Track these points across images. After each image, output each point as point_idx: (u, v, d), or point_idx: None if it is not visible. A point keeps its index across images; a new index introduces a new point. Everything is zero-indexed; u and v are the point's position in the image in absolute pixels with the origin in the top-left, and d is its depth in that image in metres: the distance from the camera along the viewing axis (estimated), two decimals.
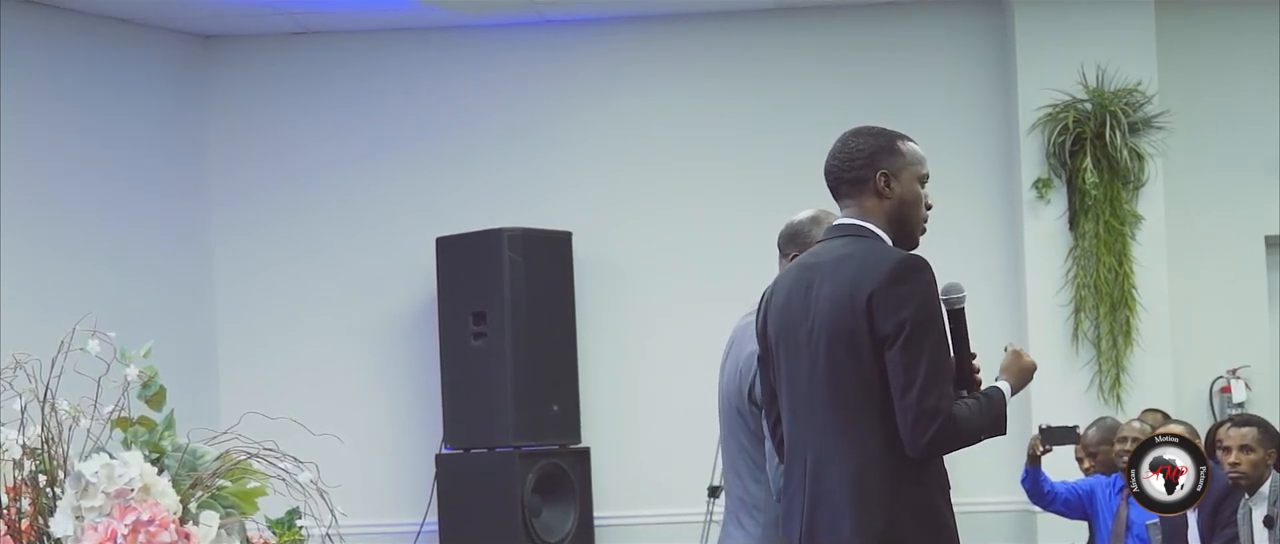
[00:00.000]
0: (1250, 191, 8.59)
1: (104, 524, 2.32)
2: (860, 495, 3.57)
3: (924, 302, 3.59)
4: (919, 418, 3.51)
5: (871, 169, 3.76)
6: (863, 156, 3.78)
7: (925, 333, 3.56)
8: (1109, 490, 7.14)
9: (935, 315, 3.61)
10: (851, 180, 3.77)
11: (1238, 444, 6.11)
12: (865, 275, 3.59)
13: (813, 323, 3.66)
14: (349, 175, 8.96)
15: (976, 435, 3.64)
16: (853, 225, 3.75)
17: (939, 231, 9.00)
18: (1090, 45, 8.42)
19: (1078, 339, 8.38)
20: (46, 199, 8.15)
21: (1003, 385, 3.80)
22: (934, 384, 3.53)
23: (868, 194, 3.76)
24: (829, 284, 3.65)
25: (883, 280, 3.57)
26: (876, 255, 3.64)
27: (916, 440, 3.52)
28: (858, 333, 3.57)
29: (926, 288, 3.62)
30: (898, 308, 3.55)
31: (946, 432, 3.53)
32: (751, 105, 8.82)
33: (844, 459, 3.60)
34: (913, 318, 3.55)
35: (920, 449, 3.53)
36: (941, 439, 3.54)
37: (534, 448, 8.30)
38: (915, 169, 3.83)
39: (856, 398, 3.59)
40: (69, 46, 8.33)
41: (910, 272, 3.61)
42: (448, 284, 8.50)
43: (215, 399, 8.65)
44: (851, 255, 3.67)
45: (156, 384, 2.53)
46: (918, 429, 3.51)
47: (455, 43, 8.95)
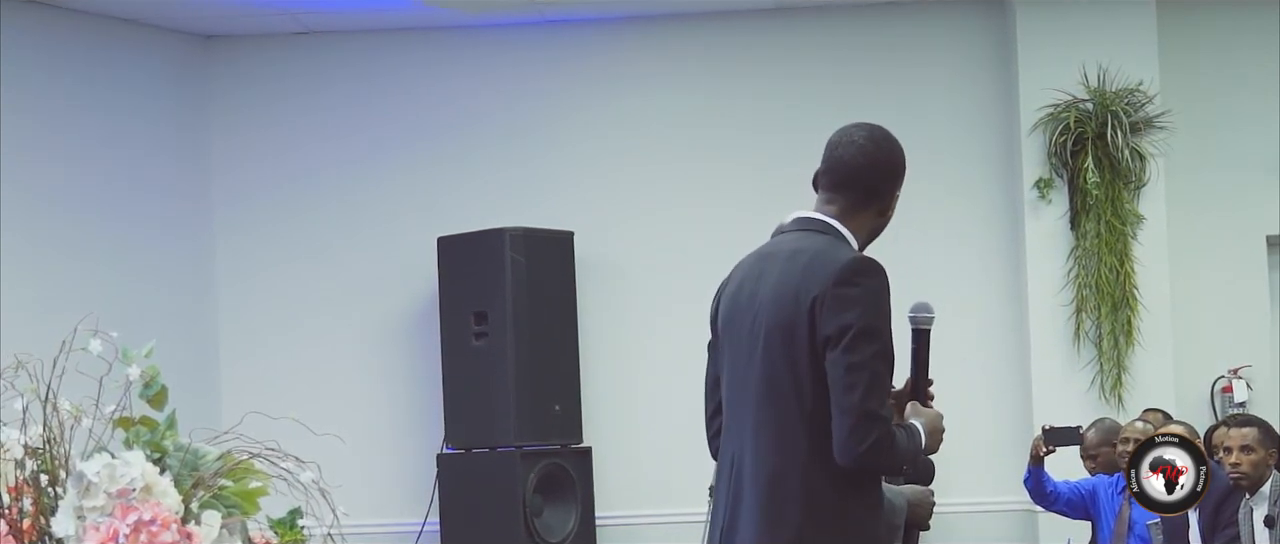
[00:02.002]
0: (1251, 191, 8.60)
1: (106, 524, 2.32)
2: (774, 501, 3.41)
3: (871, 306, 3.39)
4: (860, 422, 3.30)
5: (892, 186, 3.65)
6: (895, 173, 3.66)
7: (871, 338, 3.35)
8: (1111, 490, 7.15)
9: (883, 324, 3.40)
10: (870, 188, 3.61)
11: (1238, 444, 6.11)
12: (813, 274, 3.41)
13: (757, 314, 3.49)
14: (350, 175, 8.96)
15: (900, 463, 3.46)
16: (819, 221, 3.57)
17: (940, 231, 9.10)
18: (1092, 45, 8.42)
19: (1079, 339, 8.38)
20: (48, 199, 8.15)
21: (918, 424, 3.55)
22: (876, 391, 3.33)
23: (871, 206, 3.62)
24: (778, 277, 3.48)
25: (830, 281, 3.39)
26: (829, 254, 3.45)
27: (852, 447, 3.31)
28: (798, 332, 3.40)
29: (876, 293, 3.42)
30: (843, 310, 3.36)
31: (884, 444, 3.33)
32: (753, 105, 8.82)
33: (766, 460, 3.44)
34: (857, 321, 3.35)
35: (854, 456, 3.32)
36: (878, 450, 3.32)
37: (535, 448, 8.30)
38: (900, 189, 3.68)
39: (788, 399, 3.41)
40: (70, 46, 8.33)
41: (860, 274, 3.42)
42: (449, 284, 8.50)
43: (217, 399, 8.65)
44: (805, 250, 3.49)
45: (158, 384, 2.52)
46: (856, 434, 3.31)
47: (456, 43, 8.95)
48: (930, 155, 8.76)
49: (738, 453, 3.53)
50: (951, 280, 8.69)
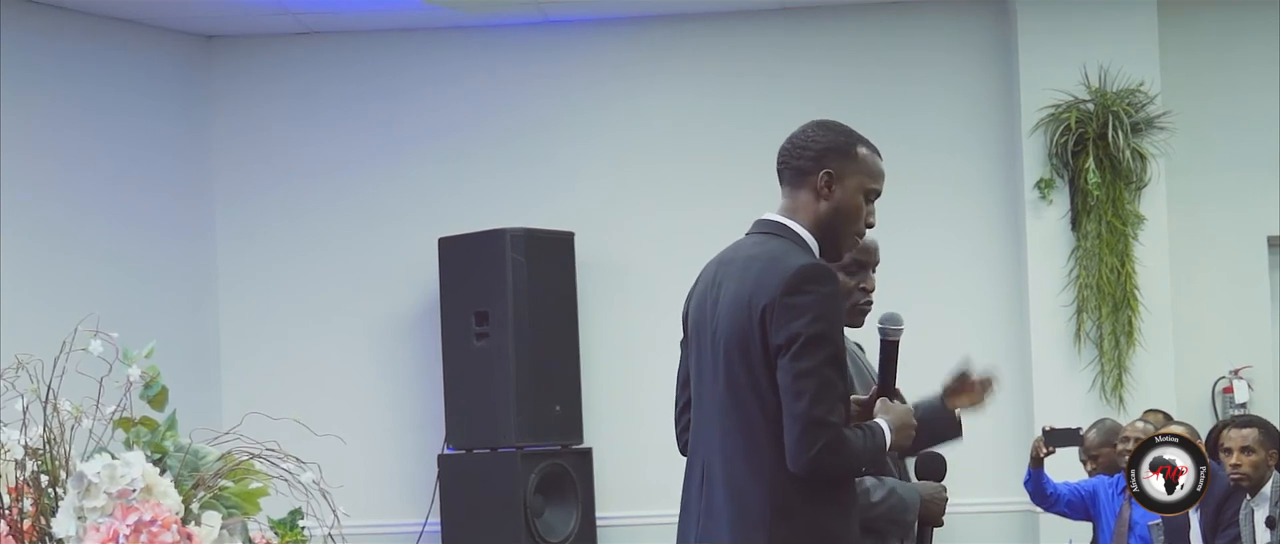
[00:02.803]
0: (1253, 192, 8.59)
1: (106, 525, 2.32)
2: (743, 511, 3.44)
3: (821, 313, 3.36)
4: (807, 429, 3.31)
5: (817, 165, 3.56)
6: (814, 150, 3.59)
7: (820, 345, 3.34)
8: (1112, 491, 7.14)
9: (832, 329, 3.39)
10: (795, 169, 3.58)
11: (1239, 445, 6.11)
12: (764, 282, 3.41)
13: (717, 325, 3.51)
14: (351, 175, 8.96)
15: (859, 464, 3.46)
16: (774, 223, 3.57)
17: (941, 231, 9.10)
18: (1093, 45, 8.42)
19: (1080, 339, 8.38)
20: (49, 199, 8.15)
21: (883, 423, 3.53)
22: (824, 397, 3.32)
23: (805, 189, 3.56)
24: (733, 285, 3.49)
25: (779, 289, 3.37)
26: (780, 262, 3.42)
27: (801, 454, 3.32)
28: (751, 341, 3.40)
29: (825, 299, 3.38)
30: (792, 318, 3.34)
31: (834, 449, 3.33)
32: (754, 105, 8.81)
33: (733, 470, 3.47)
34: (806, 329, 3.33)
35: (805, 463, 3.33)
36: (829, 455, 3.32)
37: (536, 448, 8.30)
38: (863, 180, 3.61)
39: (751, 408, 3.42)
40: (71, 47, 8.33)
41: (808, 281, 3.38)
42: (450, 284, 8.50)
43: (217, 399, 8.65)
44: (759, 257, 3.48)
45: (159, 384, 2.53)
46: (804, 441, 3.31)
47: (458, 43, 8.96)
48: (931, 155, 8.77)
49: (707, 462, 3.56)
50: (952, 280, 8.70)
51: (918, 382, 9.44)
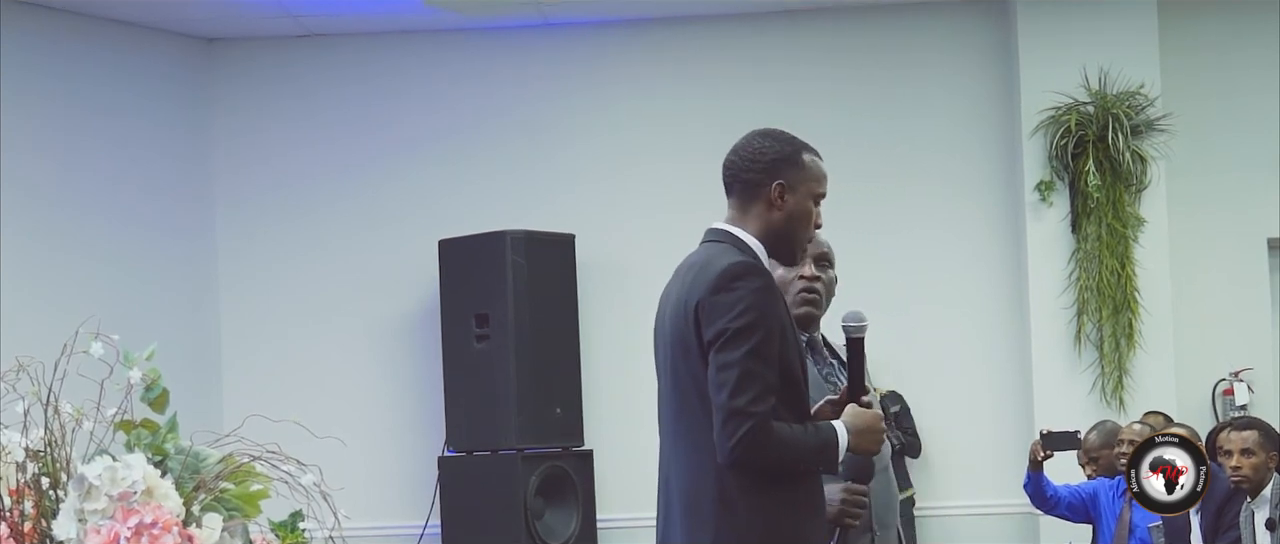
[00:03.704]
0: (1253, 194, 8.60)
1: (107, 527, 2.32)
2: (690, 508, 3.51)
3: (747, 308, 3.43)
4: (727, 419, 3.37)
5: (769, 176, 3.64)
6: (765, 161, 3.66)
7: (744, 338, 3.40)
8: (1112, 493, 7.14)
9: (760, 322, 3.44)
10: (746, 182, 3.65)
11: (1239, 448, 6.11)
12: (697, 284, 3.50)
13: (664, 331, 3.63)
14: (352, 178, 8.97)
15: (795, 459, 3.47)
16: (720, 230, 3.67)
17: (941, 234, 9.09)
18: (1093, 47, 8.42)
19: (1080, 342, 8.39)
20: (50, 202, 8.16)
21: (839, 424, 3.57)
22: (745, 387, 3.38)
23: (757, 201, 3.64)
24: (675, 292, 3.60)
25: (708, 288, 3.47)
26: (713, 263, 3.52)
27: (723, 443, 3.38)
28: (689, 342, 3.49)
29: (752, 295, 3.45)
30: (720, 315, 3.43)
31: (756, 438, 3.37)
32: (754, 107, 8.81)
33: (682, 470, 3.55)
34: (732, 323, 3.41)
35: (727, 452, 3.39)
36: (750, 445, 3.37)
37: (537, 450, 8.30)
38: (812, 186, 3.67)
39: (693, 408, 3.50)
40: (72, 49, 8.34)
41: (735, 278, 3.47)
42: (450, 286, 8.50)
43: (218, 402, 8.66)
44: (697, 263, 3.59)
45: (160, 387, 2.53)
46: (725, 431, 3.38)
47: (458, 45, 8.96)
48: (931, 157, 8.78)
49: (665, 465, 3.65)
50: (952, 282, 8.70)
51: (919, 382, 9.48)
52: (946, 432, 8.61)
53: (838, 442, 3.53)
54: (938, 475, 8.58)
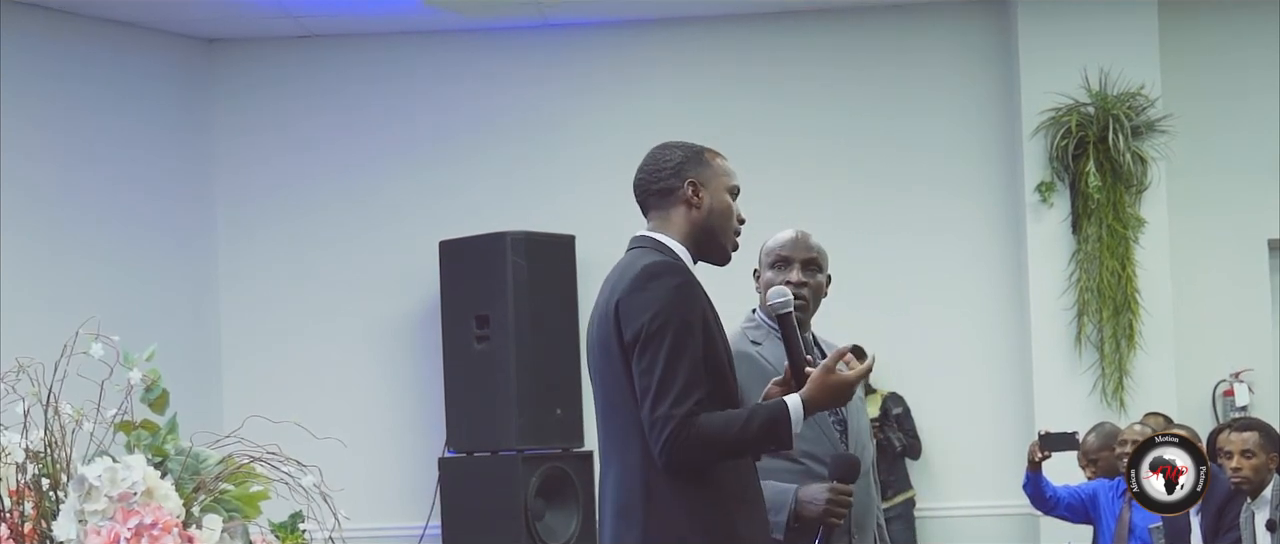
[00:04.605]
0: (1253, 195, 8.60)
1: (107, 528, 2.32)
2: (623, 508, 3.56)
3: (663, 307, 3.48)
4: (652, 427, 3.44)
5: (679, 179, 3.69)
6: (671, 167, 3.70)
7: (661, 339, 3.46)
8: (1112, 494, 7.14)
9: (677, 321, 3.49)
10: (659, 191, 3.71)
11: (1239, 449, 6.11)
12: (616, 287, 3.58)
13: (590, 336, 3.68)
14: (352, 178, 8.97)
15: (735, 445, 3.51)
16: (643, 237, 3.73)
17: (942, 235, 9.08)
18: (1093, 48, 8.42)
19: (1081, 342, 8.39)
20: (50, 202, 8.16)
21: (792, 400, 3.57)
22: (665, 393, 3.43)
23: (675, 205, 3.70)
24: (600, 298, 3.66)
25: (626, 288, 3.54)
26: (631, 266, 3.60)
27: (657, 451, 3.45)
28: (610, 344, 3.55)
29: (669, 293, 3.51)
30: (637, 315, 3.49)
31: (681, 440, 3.42)
32: (754, 109, 8.82)
33: (612, 471, 3.61)
34: (648, 324, 3.47)
35: (659, 459, 3.45)
36: (678, 448, 3.43)
37: (537, 451, 8.30)
38: (724, 180, 3.72)
39: (617, 407, 3.57)
40: (73, 50, 8.34)
41: (651, 278, 3.53)
42: (451, 287, 8.50)
43: (218, 402, 8.66)
44: (619, 267, 3.67)
45: (160, 387, 2.53)
46: (653, 438, 3.45)
47: (459, 46, 8.96)
48: (932, 158, 8.78)
49: (602, 467, 3.71)
50: (953, 283, 8.70)
51: (919, 382, 9.46)
52: (947, 432, 8.61)
53: (787, 416, 3.54)
54: (938, 476, 8.58)
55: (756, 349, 4.15)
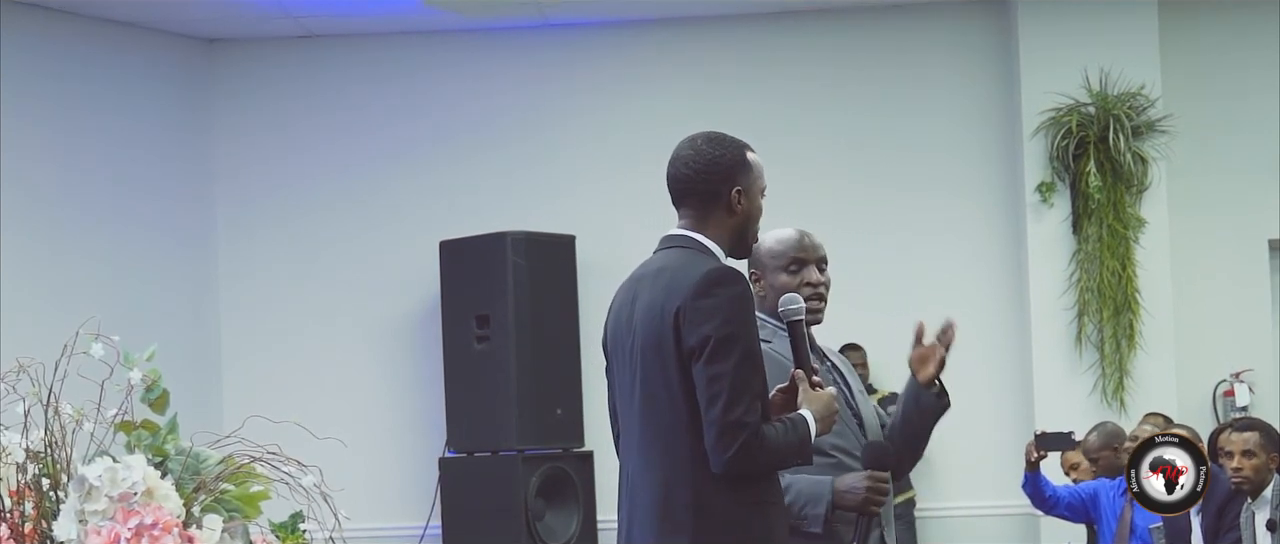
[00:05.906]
0: (1254, 195, 8.60)
1: (107, 528, 2.32)
2: (665, 512, 3.54)
3: (731, 315, 3.47)
4: (723, 432, 3.42)
5: (728, 184, 3.66)
6: (722, 172, 3.67)
7: (731, 347, 3.44)
8: (1113, 493, 7.14)
9: (743, 329, 3.49)
10: (704, 193, 3.66)
11: (1240, 449, 6.11)
12: (676, 288, 3.52)
13: (634, 336, 3.61)
14: (352, 178, 8.97)
15: (783, 459, 3.54)
16: (682, 236, 3.67)
17: (942, 235, 9.08)
18: (1094, 48, 8.42)
19: (1081, 343, 8.39)
20: (50, 203, 8.16)
21: (806, 414, 3.61)
22: (739, 399, 3.43)
23: (717, 208, 3.66)
24: (646, 296, 3.59)
25: (689, 294, 3.48)
26: (689, 268, 3.55)
27: (720, 456, 3.43)
28: (666, 346, 3.51)
29: (735, 301, 3.49)
30: (703, 321, 3.46)
31: (751, 448, 3.43)
32: (755, 109, 8.82)
33: (653, 474, 3.58)
34: (717, 331, 3.44)
35: (724, 465, 3.44)
36: (746, 456, 3.44)
37: (537, 451, 8.30)
38: (760, 183, 3.72)
39: (666, 412, 3.53)
40: (72, 50, 8.34)
41: (717, 284, 3.50)
42: (451, 287, 8.50)
43: (219, 402, 8.66)
44: (669, 267, 3.60)
45: (160, 387, 2.53)
46: (721, 444, 3.43)
47: (459, 46, 8.96)
48: (932, 159, 8.77)
49: (630, 470, 3.68)
50: (953, 283, 8.69)
51: None
52: (946, 432, 8.54)
53: (811, 434, 3.58)
54: (938, 476, 8.57)
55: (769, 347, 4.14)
